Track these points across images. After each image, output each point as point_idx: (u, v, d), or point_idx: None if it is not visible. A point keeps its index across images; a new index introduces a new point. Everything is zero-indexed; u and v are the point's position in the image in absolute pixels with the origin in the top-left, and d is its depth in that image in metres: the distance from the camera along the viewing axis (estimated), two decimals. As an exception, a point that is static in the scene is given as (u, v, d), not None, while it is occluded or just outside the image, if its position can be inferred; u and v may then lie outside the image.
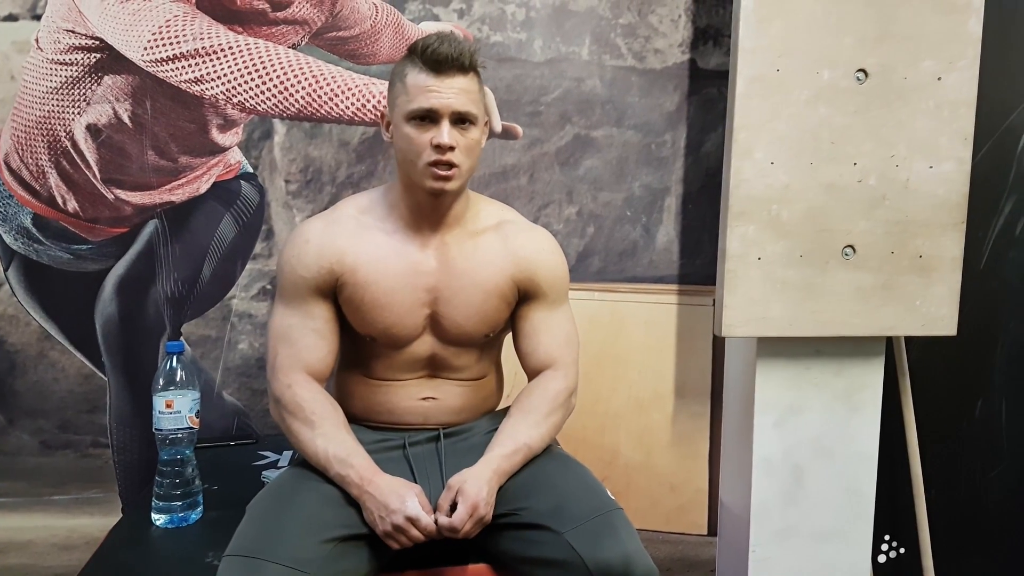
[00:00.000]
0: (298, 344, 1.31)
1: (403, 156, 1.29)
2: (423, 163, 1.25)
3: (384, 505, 1.17)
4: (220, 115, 1.85)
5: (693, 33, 1.98)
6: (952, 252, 1.70)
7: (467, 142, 1.27)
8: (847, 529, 1.83)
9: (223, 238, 1.90)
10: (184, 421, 1.45)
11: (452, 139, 1.24)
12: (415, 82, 1.24)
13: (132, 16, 1.78)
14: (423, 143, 1.25)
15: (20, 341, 1.90)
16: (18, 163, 1.83)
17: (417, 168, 1.26)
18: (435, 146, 1.24)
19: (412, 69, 1.25)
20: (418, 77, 1.24)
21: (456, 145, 1.25)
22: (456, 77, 1.24)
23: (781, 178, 1.66)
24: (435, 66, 1.23)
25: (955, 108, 1.67)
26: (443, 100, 1.23)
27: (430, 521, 1.18)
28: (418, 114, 1.25)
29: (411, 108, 1.25)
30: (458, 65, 1.24)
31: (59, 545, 1.94)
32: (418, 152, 1.26)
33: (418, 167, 1.26)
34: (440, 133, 1.24)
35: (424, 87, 1.24)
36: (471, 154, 1.29)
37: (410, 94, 1.25)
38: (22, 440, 1.93)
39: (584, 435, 2.03)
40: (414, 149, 1.26)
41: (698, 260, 2.03)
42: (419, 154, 1.25)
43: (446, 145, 1.24)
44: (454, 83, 1.24)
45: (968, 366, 2.02)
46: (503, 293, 1.35)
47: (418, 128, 1.25)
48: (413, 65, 1.25)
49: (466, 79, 1.26)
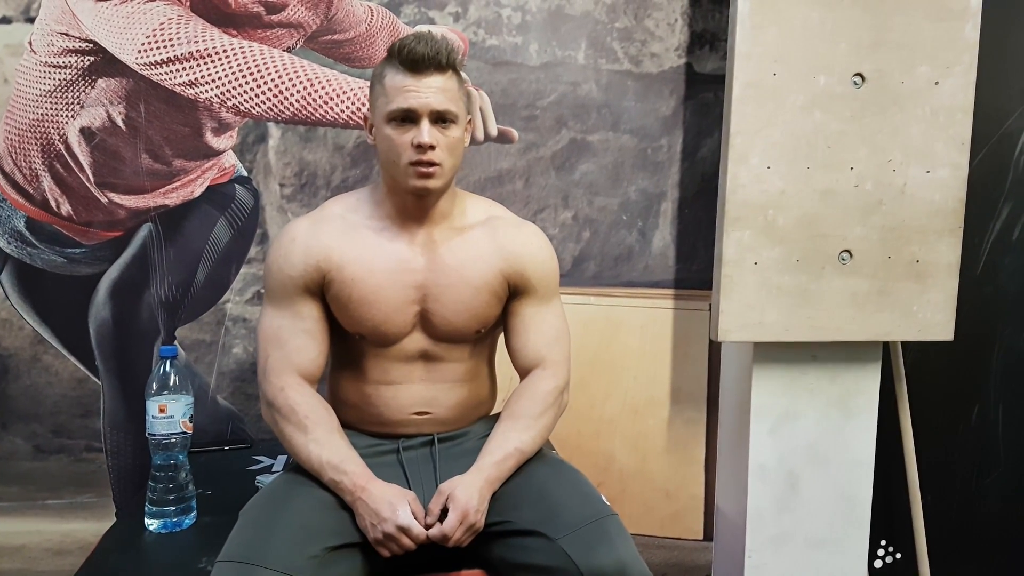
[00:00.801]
0: (289, 346, 1.31)
1: (385, 157, 1.29)
2: (404, 163, 1.26)
3: (376, 513, 1.17)
4: (214, 118, 1.85)
5: (689, 37, 1.98)
6: (948, 258, 1.70)
7: (448, 140, 1.27)
8: (843, 535, 1.82)
9: (217, 242, 1.90)
10: (178, 426, 1.45)
11: (432, 138, 1.24)
12: (393, 83, 1.25)
13: (126, 19, 1.77)
14: (404, 143, 1.25)
15: (13, 345, 1.89)
16: (11, 166, 1.82)
17: (399, 168, 1.27)
18: (416, 146, 1.24)
19: (390, 70, 1.26)
20: (396, 77, 1.25)
21: (437, 144, 1.25)
22: (434, 76, 1.24)
23: (777, 183, 1.66)
24: (412, 65, 1.23)
25: (951, 114, 1.67)
26: (421, 100, 1.24)
27: (421, 530, 1.18)
28: (397, 115, 1.25)
29: (390, 109, 1.25)
30: (435, 64, 1.24)
31: (52, 550, 1.94)
32: (399, 152, 1.26)
33: (400, 167, 1.26)
34: (420, 133, 1.24)
35: (402, 87, 1.24)
36: (453, 152, 1.28)
37: (389, 95, 1.25)
38: (15, 444, 1.92)
39: (579, 441, 2.03)
40: (395, 149, 1.26)
41: (694, 265, 2.03)
42: (400, 154, 1.26)
43: (427, 144, 1.24)
44: (432, 82, 1.24)
45: (964, 372, 2.02)
46: (493, 289, 1.35)
47: (398, 129, 1.26)
48: (391, 66, 1.26)
49: (444, 77, 1.25)
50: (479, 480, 1.22)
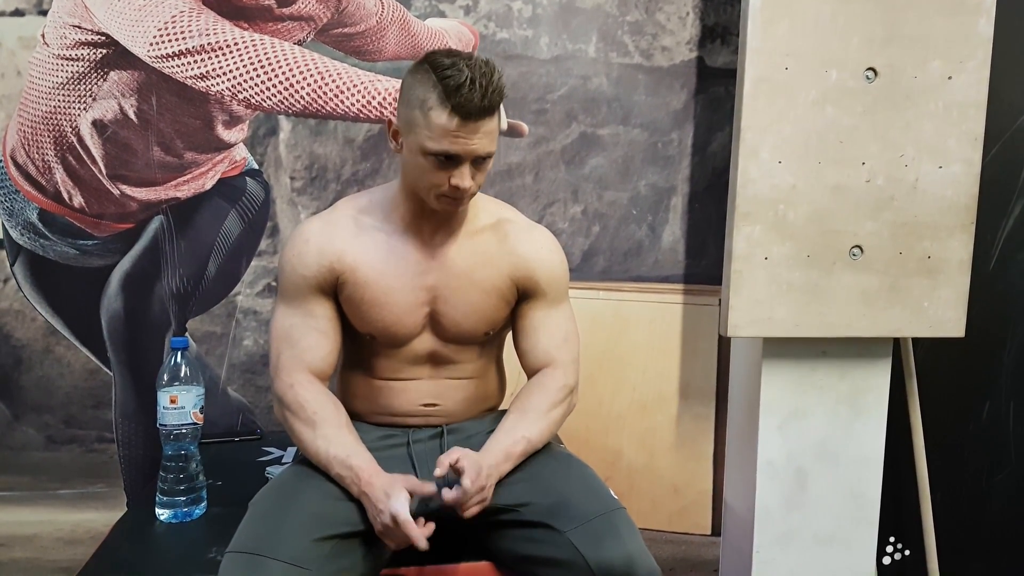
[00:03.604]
0: (300, 344, 1.31)
1: (415, 180, 1.27)
2: (437, 193, 1.25)
3: (374, 504, 1.17)
4: (225, 111, 1.85)
5: (701, 31, 1.97)
6: (960, 254, 1.69)
7: (482, 174, 1.26)
8: (851, 532, 1.82)
9: (228, 234, 1.91)
10: (188, 417, 1.46)
11: (473, 180, 1.24)
12: (440, 122, 1.19)
13: (138, 12, 1.78)
14: (440, 179, 1.23)
15: (26, 336, 1.90)
16: (24, 158, 1.83)
17: (429, 194, 1.26)
18: (454, 187, 1.23)
19: (437, 106, 1.18)
20: (442, 117, 1.18)
21: (473, 181, 1.24)
22: (483, 121, 1.20)
23: (788, 178, 1.65)
24: (465, 114, 1.18)
25: (964, 109, 1.65)
26: (469, 147, 1.21)
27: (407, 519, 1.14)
28: (441, 155, 1.21)
29: (434, 148, 1.21)
30: (488, 113, 1.20)
31: (64, 539, 1.95)
32: (433, 184, 1.24)
33: (431, 194, 1.25)
34: (462, 177, 1.22)
35: (449, 131, 1.19)
36: (482, 179, 1.28)
37: (433, 132, 1.20)
38: (28, 435, 1.94)
39: (587, 436, 2.03)
40: (428, 179, 1.24)
41: (704, 260, 2.02)
42: (434, 185, 1.24)
43: (466, 189, 1.23)
44: (480, 127, 1.20)
45: (975, 368, 2.01)
46: (502, 292, 1.35)
47: (436, 165, 1.22)
48: (440, 103, 1.18)
49: (492, 120, 1.22)
50: (488, 458, 1.22)
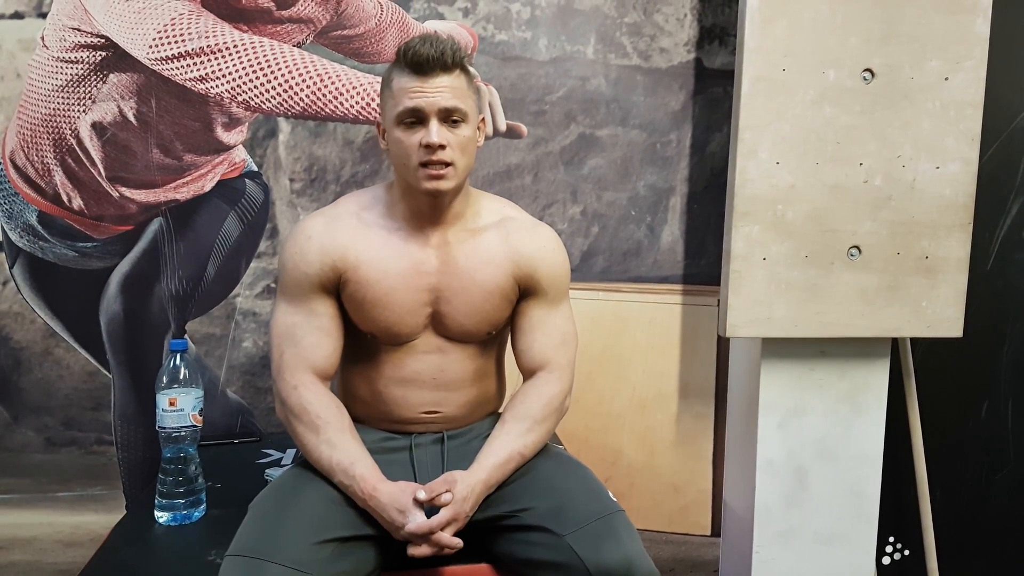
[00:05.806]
0: (303, 343, 1.31)
1: (397, 160, 1.28)
2: (415, 164, 1.25)
3: (390, 523, 1.19)
4: (225, 113, 1.85)
5: (699, 32, 1.97)
6: (958, 253, 1.70)
7: (459, 139, 1.26)
8: (851, 531, 1.82)
9: (227, 236, 1.91)
10: (187, 419, 1.46)
11: (442, 137, 1.23)
12: (400, 85, 1.25)
13: (137, 14, 1.78)
14: (413, 144, 1.24)
15: (25, 338, 1.90)
16: (24, 161, 1.83)
17: (411, 170, 1.26)
18: (425, 145, 1.23)
19: (397, 73, 1.26)
20: (402, 80, 1.24)
21: (447, 143, 1.24)
22: (440, 76, 1.24)
23: (786, 178, 1.65)
24: (418, 67, 1.23)
25: (962, 108, 1.66)
26: (428, 99, 1.23)
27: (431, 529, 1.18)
28: (405, 116, 1.24)
29: (398, 111, 1.24)
30: (441, 64, 1.23)
31: (63, 542, 1.95)
32: (409, 154, 1.25)
33: (411, 169, 1.26)
34: (429, 132, 1.23)
35: (408, 88, 1.23)
36: (465, 151, 1.27)
37: (396, 97, 1.25)
38: (27, 437, 1.94)
39: (587, 435, 2.03)
40: (405, 151, 1.25)
41: (703, 260, 2.03)
42: (410, 156, 1.25)
43: (435, 144, 1.23)
44: (438, 81, 1.23)
45: (973, 367, 2.01)
46: (504, 292, 1.35)
47: (407, 131, 1.25)
48: (398, 69, 1.26)
49: (451, 76, 1.25)
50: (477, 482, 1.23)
